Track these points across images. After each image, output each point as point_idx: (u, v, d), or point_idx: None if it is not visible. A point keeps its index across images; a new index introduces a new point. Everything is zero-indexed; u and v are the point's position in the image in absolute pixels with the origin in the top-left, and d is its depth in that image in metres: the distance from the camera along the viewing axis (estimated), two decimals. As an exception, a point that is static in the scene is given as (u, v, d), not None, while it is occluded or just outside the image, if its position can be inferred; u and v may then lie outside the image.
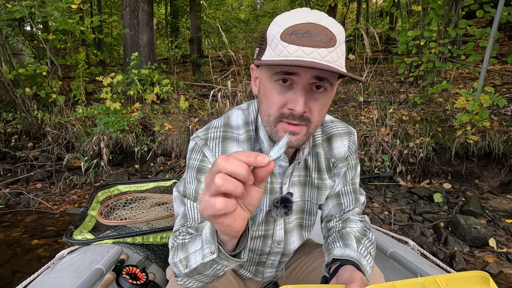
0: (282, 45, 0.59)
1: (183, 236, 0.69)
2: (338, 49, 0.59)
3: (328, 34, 0.58)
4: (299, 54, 0.57)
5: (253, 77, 0.73)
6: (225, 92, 3.78)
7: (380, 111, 3.66)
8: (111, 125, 3.62)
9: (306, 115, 0.63)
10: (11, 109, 4.16)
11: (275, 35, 0.60)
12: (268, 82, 0.65)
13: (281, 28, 0.60)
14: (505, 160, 3.02)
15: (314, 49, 0.57)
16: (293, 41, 0.58)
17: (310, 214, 0.90)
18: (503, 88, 3.85)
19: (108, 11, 9.22)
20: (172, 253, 0.69)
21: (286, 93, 0.63)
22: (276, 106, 0.64)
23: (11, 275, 2.07)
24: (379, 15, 11.31)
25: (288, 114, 0.63)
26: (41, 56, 4.45)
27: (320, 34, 0.58)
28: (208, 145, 0.75)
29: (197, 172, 0.75)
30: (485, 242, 2.26)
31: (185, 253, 0.63)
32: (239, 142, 0.76)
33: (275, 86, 0.63)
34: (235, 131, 0.77)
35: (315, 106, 0.64)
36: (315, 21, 0.59)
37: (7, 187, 3.37)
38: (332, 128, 0.86)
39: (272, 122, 0.66)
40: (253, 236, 0.86)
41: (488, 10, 3.37)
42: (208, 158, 0.75)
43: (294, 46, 0.58)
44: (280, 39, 0.59)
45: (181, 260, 0.64)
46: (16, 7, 3.77)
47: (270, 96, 0.65)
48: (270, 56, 0.61)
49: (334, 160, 0.85)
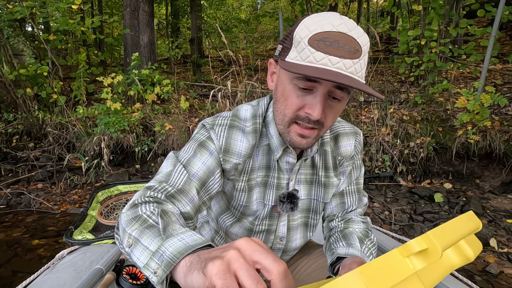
0: (309, 50, 0.59)
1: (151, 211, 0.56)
2: (362, 60, 0.60)
3: (355, 45, 0.59)
4: (325, 63, 0.58)
5: (270, 72, 0.74)
6: (225, 92, 3.78)
7: (381, 111, 3.66)
8: (111, 125, 3.63)
9: (321, 120, 0.65)
10: (12, 109, 4.17)
11: (302, 38, 0.60)
12: (288, 83, 0.65)
13: (310, 32, 0.59)
14: (506, 159, 3.01)
15: (340, 59, 0.57)
16: (321, 48, 0.58)
17: (315, 212, 0.90)
18: (504, 88, 3.84)
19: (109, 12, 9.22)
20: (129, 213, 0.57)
21: (305, 97, 0.64)
22: (294, 108, 0.65)
23: (12, 275, 2.08)
24: (380, 14, 11.30)
25: (303, 117, 0.65)
26: (42, 57, 4.46)
27: (348, 45, 0.58)
28: (214, 129, 0.75)
29: (198, 145, 0.74)
30: (486, 242, 2.26)
31: (138, 235, 0.52)
32: (245, 133, 0.76)
33: (295, 89, 0.64)
34: (243, 122, 0.78)
35: (330, 112, 0.65)
36: (345, 31, 0.59)
37: (8, 187, 3.38)
38: (339, 127, 0.87)
39: (287, 122, 0.67)
40: (256, 231, 0.86)
41: (489, 9, 3.37)
42: (213, 139, 0.75)
43: (321, 54, 0.58)
44: (308, 43, 0.59)
45: (130, 236, 0.53)
46: (17, 8, 3.78)
47: (288, 97, 0.65)
48: (295, 59, 0.61)
49: (340, 158, 0.86)
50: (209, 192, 0.73)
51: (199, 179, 0.70)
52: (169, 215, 0.57)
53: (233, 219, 0.87)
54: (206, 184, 0.72)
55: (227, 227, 0.89)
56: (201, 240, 0.47)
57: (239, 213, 0.85)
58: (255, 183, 0.80)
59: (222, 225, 0.90)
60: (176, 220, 0.58)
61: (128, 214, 0.57)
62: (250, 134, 0.76)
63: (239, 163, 0.76)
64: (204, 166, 0.72)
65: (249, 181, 0.80)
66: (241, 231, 0.87)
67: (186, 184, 0.68)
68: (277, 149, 0.77)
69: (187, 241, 0.46)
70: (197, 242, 0.46)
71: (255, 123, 0.77)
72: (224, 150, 0.74)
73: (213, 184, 0.73)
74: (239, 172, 0.78)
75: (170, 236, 0.48)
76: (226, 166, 0.75)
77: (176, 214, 0.60)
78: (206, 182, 0.72)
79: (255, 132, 0.77)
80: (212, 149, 0.74)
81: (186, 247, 0.45)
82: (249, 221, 0.85)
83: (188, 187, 0.68)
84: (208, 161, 0.72)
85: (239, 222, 0.87)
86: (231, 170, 0.77)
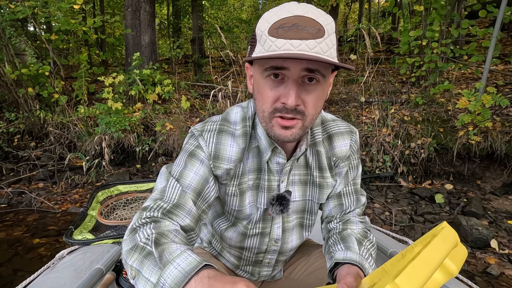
0: (270, 40, 0.59)
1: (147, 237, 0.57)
2: (327, 40, 0.59)
3: (316, 25, 0.58)
4: (287, 48, 0.57)
5: (248, 76, 0.74)
6: (226, 92, 3.78)
7: (382, 112, 3.65)
8: (112, 125, 3.64)
9: (300, 108, 0.63)
10: (14, 109, 4.18)
11: (263, 31, 0.61)
12: (260, 78, 0.65)
13: (269, 24, 0.60)
14: (507, 161, 3.00)
15: (302, 41, 0.57)
16: (281, 35, 0.58)
17: (311, 213, 0.90)
18: (506, 89, 3.83)
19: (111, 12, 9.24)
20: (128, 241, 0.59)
21: (278, 88, 0.63)
22: (269, 101, 0.64)
23: (13, 274, 2.08)
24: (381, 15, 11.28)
25: (281, 108, 0.63)
26: (43, 56, 4.47)
27: (308, 26, 0.58)
28: (203, 136, 0.75)
29: (188, 155, 0.74)
30: (487, 243, 2.25)
31: (138, 266, 0.54)
32: (235, 137, 0.76)
33: (267, 82, 0.64)
34: (232, 126, 0.77)
35: (309, 98, 0.63)
36: (301, 14, 0.58)
37: (10, 186, 3.39)
38: (333, 127, 0.85)
39: (267, 117, 0.66)
40: (250, 234, 0.86)
41: (491, 10, 3.36)
42: (202, 147, 0.75)
43: (282, 40, 0.58)
44: (268, 34, 0.59)
45: (132, 268, 0.55)
46: (19, 8, 3.79)
47: (263, 92, 0.65)
48: (260, 52, 0.62)
49: (335, 159, 0.85)
50: (206, 200, 0.73)
51: (194, 190, 0.70)
52: (166, 235, 0.58)
53: (228, 223, 0.87)
54: (202, 194, 0.72)
55: (221, 231, 0.89)
56: (196, 262, 0.51)
57: (233, 218, 0.85)
58: (247, 187, 0.80)
59: (217, 229, 0.90)
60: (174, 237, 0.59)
61: (127, 242, 0.60)
62: (240, 138, 0.76)
63: (230, 168, 0.76)
64: (197, 176, 0.71)
65: (240, 185, 0.79)
66: (235, 235, 0.87)
67: (181, 198, 0.68)
68: (266, 150, 0.76)
69: (182, 267, 0.50)
70: (192, 266, 0.50)
71: (245, 126, 0.77)
72: (214, 157, 0.74)
73: (209, 192, 0.73)
74: (231, 176, 0.77)
75: (166, 264, 0.51)
76: (217, 172, 0.75)
77: (173, 231, 0.61)
78: (202, 191, 0.72)
79: (245, 135, 0.76)
80: (202, 157, 0.74)
81: (183, 275, 0.49)
82: (243, 225, 0.84)
83: (183, 200, 0.68)
84: (200, 170, 0.72)
85: (233, 227, 0.86)
86: (223, 175, 0.76)
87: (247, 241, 0.87)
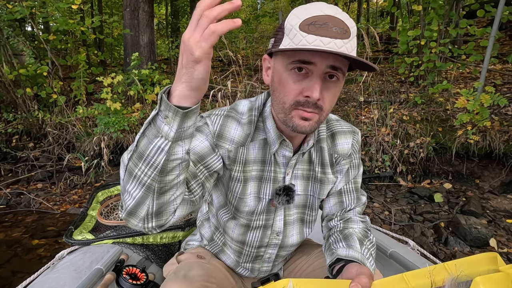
0: (301, 34, 0.62)
1: None
2: (352, 41, 0.63)
3: (344, 26, 0.62)
4: (318, 44, 0.60)
5: (264, 67, 0.75)
6: (225, 92, 3.78)
7: (381, 111, 3.66)
8: (111, 125, 3.63)
9: (320, 103, 0.66)
10: (12, 109, 4.16)
11: (293, 26, 0.63)
12: (284, 71, 0.67)
13: (299, 19, 0.63)
14: (506, 160, 3.02)
15: (331, 39, 0.60)
16: (312, 31, 0.61)
17: (311, 209, 0.91)
18: (504, 88, 3.84)
19: (109, 12, 9.22)
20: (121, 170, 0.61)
21: (302, 81, 0.65)
22: (292, 94, 0.67)
23: (12, 275, 2.08)
24: (379, 15, 11.30)
25: (303, 102, 0.66)
26: (42, 57, 4.46)
27: (336, 26, 0.61)
28: (210, 117, 0.78)
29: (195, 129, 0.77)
30: (486, 242, 2.26)
31: None
32: (240, 123, 0.79)
33: (291, 75, 0.66)
34: (239, 115, 0.80)
35: (328, 95, 0.67)
36: (332, 14, 0.62)
37: (8, 187, 3.38)
38: (337, 126, 0.88)
39: (287, 109, 0.68)
40: (253, 226, 0.87)
41: (489, 9, 3.37)
42: (208, 125, 0.77)
43: (313, 36, 0.61)
44: (299, 29, 0.62)
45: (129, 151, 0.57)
46: (17, 8, 3.77)
47: (286, 84, 0.67)
48: (288, 45, 0.64)
49: (337, 156, 0.87)
50: (208, 167, 0.74)
51: (196, 153, 0.72)
52: None
53: (229, 215, 0.88)
54: (204, 160, 0.73)
55: (224, 223, 0.90)
56: None
57: (234, 209, 0.85)
58: (250, 176, 0.82)
59: (220, 221, 0.91)
60: None
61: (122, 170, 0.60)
62: (245, 125, 0.79)
63: (230, 150, 0.78)
64: (201, 144, 0.74)
65: (245, 172, 0.81)
66: (238, 227, 0.87)
67: None
68: (274, 143, 0.78)
69: None
70: None
71: (251, 115, 0.80)
72: (217, 135, 0.77)
73: (212, 162, 0.75)
74: (232, 160, 0.79)
75: None
76: (219, 151, 0.77)
77: None
78: (204, 158, 0.74)
79: (250, 123, 0.79)
80: (207, 132, 0.77)
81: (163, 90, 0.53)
82: (245, 217, 0.85)
83: None
84: (204, 142, 0.75)
85: (234, 219, 0.87)
86: (225, 158, 0.78)
87: (249, 234, 0.88)
